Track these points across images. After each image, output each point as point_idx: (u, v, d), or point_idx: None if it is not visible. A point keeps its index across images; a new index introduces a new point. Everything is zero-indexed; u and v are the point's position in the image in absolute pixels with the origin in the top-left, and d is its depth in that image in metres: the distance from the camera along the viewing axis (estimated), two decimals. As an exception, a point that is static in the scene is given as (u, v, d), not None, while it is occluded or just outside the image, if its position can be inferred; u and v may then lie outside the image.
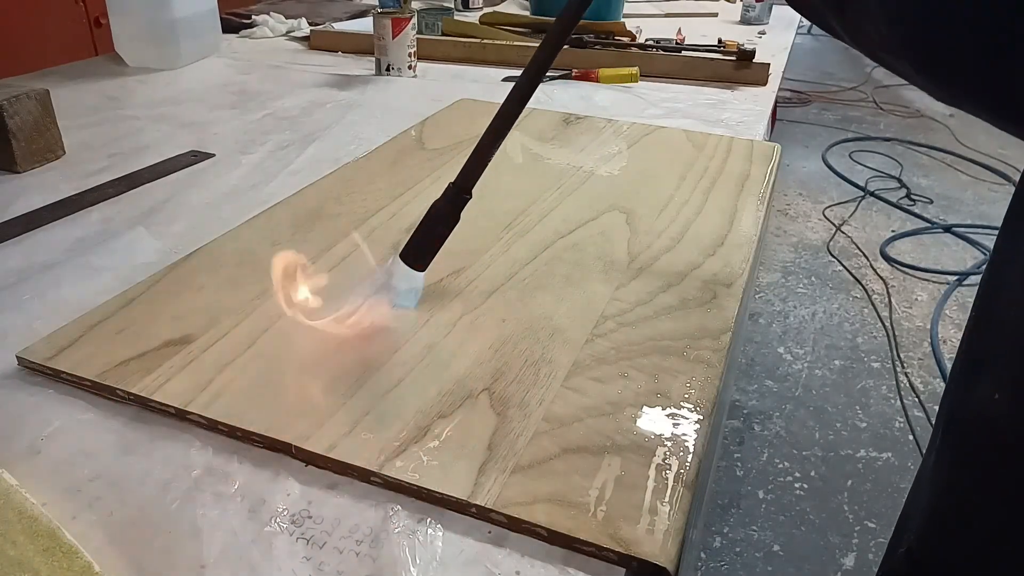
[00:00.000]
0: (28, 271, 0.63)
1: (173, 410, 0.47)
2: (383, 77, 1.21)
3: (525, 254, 0.65)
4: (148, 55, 1.21)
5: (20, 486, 0.41)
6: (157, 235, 0.70)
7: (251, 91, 1.13)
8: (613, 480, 0.42)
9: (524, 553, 0.39)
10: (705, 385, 0.50)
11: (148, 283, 0.59)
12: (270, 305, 0.56)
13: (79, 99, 1.06)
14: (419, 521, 0.40)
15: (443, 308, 0.57)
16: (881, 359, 1.97)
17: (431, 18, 1.43)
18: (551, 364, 0.51)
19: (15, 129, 0.79)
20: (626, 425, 0.46)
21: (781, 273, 2.38)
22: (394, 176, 0.80)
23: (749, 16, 1.68)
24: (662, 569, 0.37)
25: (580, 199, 0.76)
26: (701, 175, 0.82)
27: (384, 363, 0.50)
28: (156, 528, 0.39)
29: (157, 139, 0.92)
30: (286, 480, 0.43)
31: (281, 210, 0.72)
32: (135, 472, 0.43)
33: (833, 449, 1.66)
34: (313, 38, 1.41)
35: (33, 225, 0.71)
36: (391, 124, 0.97)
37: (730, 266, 0.64)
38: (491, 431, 0.45)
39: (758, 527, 1.46)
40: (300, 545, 0.39)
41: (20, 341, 0.52)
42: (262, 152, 0.89)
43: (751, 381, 1.88)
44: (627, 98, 1.13)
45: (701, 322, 0.56)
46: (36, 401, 0.48)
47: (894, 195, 2.85)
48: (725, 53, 1.24)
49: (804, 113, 3.74)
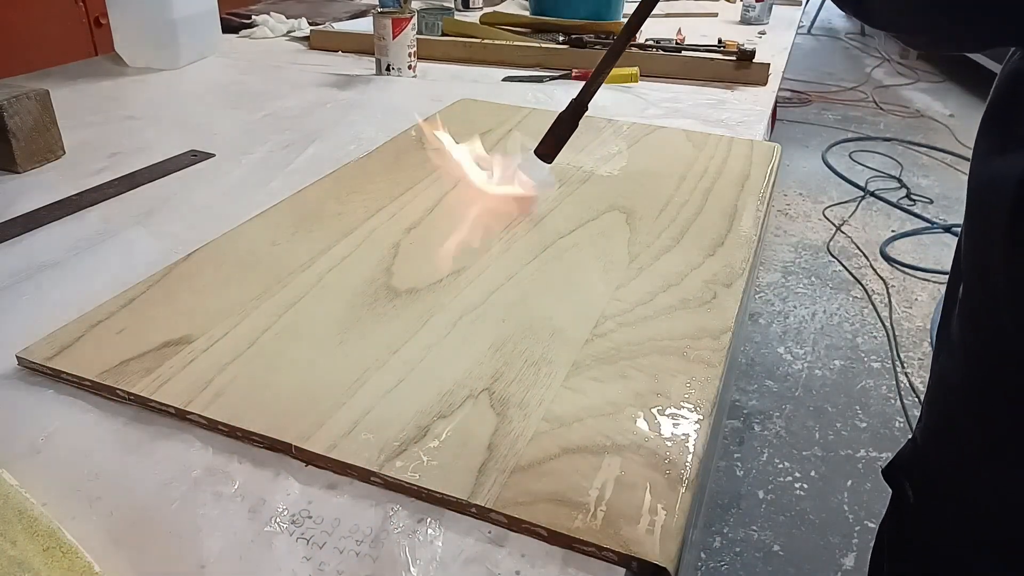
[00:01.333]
0: (28, 271, 0.63)
1: (173, 410, 0.47)
2: (383, 77, 1.21)
3: (525, 254, 0.65)
4: (148, 55, 1.21)
5: (20, 486, 0.41)
6: (157, 235, 0.70)
7: (251, 91, 1.13)
8: (613, 480, 0.42)
9: (524, 553, 0.39)
10: (705, 385, 0.50)
11: (148, 283, 0.59)
12: (270, 305, 0.57)
13: (79, 99, 1.06)
14: (419, 521, 0.40)
15: (443, 308, 0.57)
16: (881, 359, 1.97)
17: (431, 18, 1.43)
18: (551, 364, 0.51)
19: (15, 129, 0.79)
20: (626, 425, 0.46)
21: (781, 273, 2.37)
22: (394, 176, 0.80)
23: (749, 16, 1.68)
24: (662, 569, 0.37)
25: (580, 199, 0.76)
26: (701, 175, 0.82)
27: (384, 363, 0.50)
28: (156, 528, 0.39)
29: (157, 139, 0.92)
30: (286, 480, 0.43)
31: (281, 210, 0.72)
32: (135, 472, 0.43)
33: (833, 449, 1.66)
34: (313, 38, 1.41)
35: (33, 225, 0.71)
36: (391, 124, 0.97)
37: (730, 266, 0.64)
38: (491, 431, 0.45)
39: (758, 527, 1.46)
40: (300, 545, 0.39)
41: (20, 341, 0.52)
42: (262, 152, 0.89)
43: (751, 381, 1.88)
44: (627, 98, 1.13)
45: (701, 322, 0.56)
46: (36, 401, 0.48)
47: (894, 195, 2.85)
48: (725, 53, 1.24)
49: (804, 113, 3.74)
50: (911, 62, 4.52)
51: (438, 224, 0.70)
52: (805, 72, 4.30)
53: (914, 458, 0.57)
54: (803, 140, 3.39)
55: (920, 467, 0.56)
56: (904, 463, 0.58)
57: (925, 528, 0.56)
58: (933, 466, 0.54)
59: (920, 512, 0.56)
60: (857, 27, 5.31)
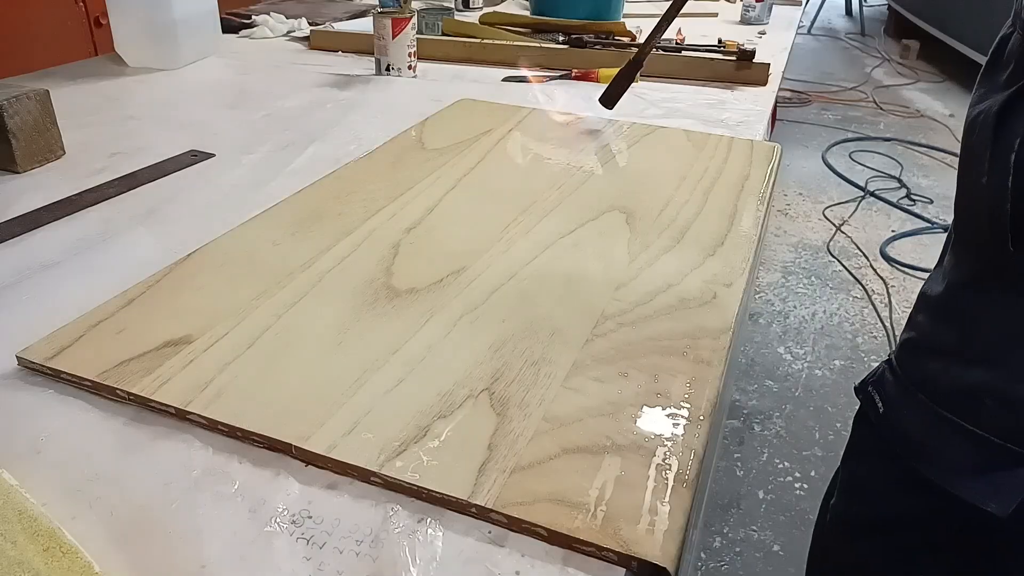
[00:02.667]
0: (28, 271, 0.63)
1: (173, 410, 0.47)
2: (383, 77, 1.21)
3: (525, 254, 0.65)
4: (148, 55, 1.21)
5: (20, 486, 0.41)
6: (157, 235, 0.70)
7: (251, 91, 1.13)
8: (613, 480, 0.42)
9: (524, 553, 0.39)
10: (705, 385, 0.50)
11: (148, 283, 0.59)
12: (270, 305, 0.57)
13: (79, 99, 1.06)
14: (419, 521, 0.40)
15: (443, 308, 0.57)
16: (881, 359, 1.97)
17: (431, 18, 1.43)
18: (551, 364, 0.51)
19: (15, 129, 0.79)
20: (626, 425, 0.46)
21: (781, 273, 2.37)
22: (394, 176, 0.80)
23: (749, 16, 1.68)
24: (662, 569, 0.37)
25: (580, 199, 0.76)
26: (701, 175, 0.82)
27: (384, 363, 0.50)
28: (156, 528, 0.39)
29: (157, 139, 0.92)
30: (286, 480, 0.43)
31: (281, 210, 0.72)
32: (135, 472, 0.43)
33: (833, 449, 1.65)
34: (313, 38, 1.41)
35: (33, 225, 0.71)
36: (391, 124, 0.97)
37: (730, 266, 0.64)
38: (491, 431, 0.45)
39: (758, 527, 1.46)
40: (300, 545, 0.39)
41: (20, 341, 0.52)
42: (262, 152, 0.89)
43: (751, 381, 1.88)
44: (627, 98, 1.12)
45: (701, 322, 0.56)
46: (36, 401, 0.48)
47: (894, 195, 2.85)
48: (725, 53, 1.24)
49: (804, 113, 3.74)
50: (911, 62, 4.52)
51: (438, 224, 0.70)
52: (805, 72, 4.30)
53: (882, 370, 0.60)
54: (803, 140, 3.39)
55: (890, 378, 0.58)
56: (875, 378, 0.61)
57: (894, 433, 0.58)
58: (905, 374, 0.57)
59: (890, 420, 0.58)
60: (857, 27, 5.31)
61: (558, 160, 0.86)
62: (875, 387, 0.60)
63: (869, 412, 0.60)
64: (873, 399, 0.59)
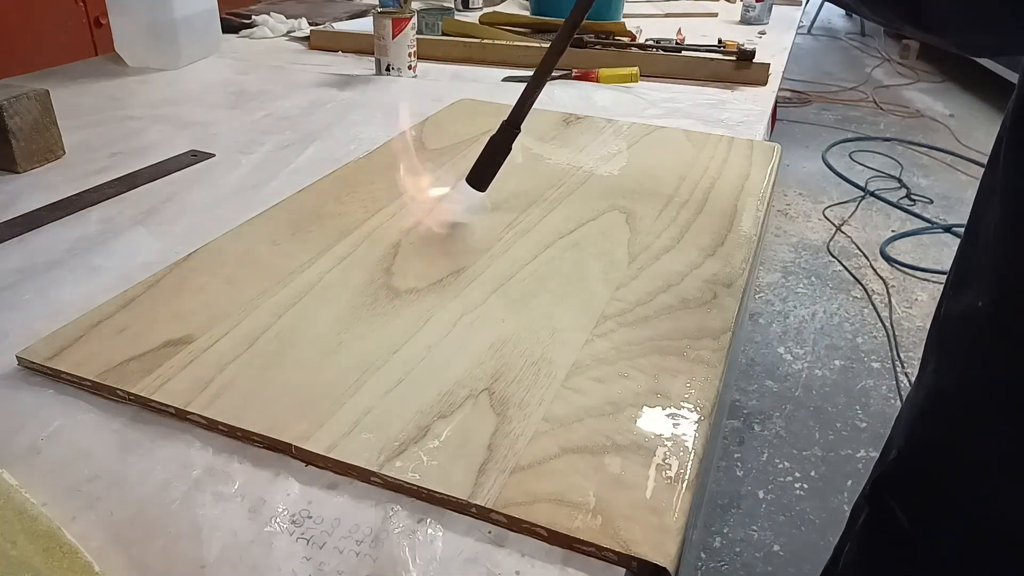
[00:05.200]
0: (28, 271, 0.63)
1: (173, 410, 0.47)
2: (383, 77, 1.21)
3: (525, 254, 0.65)
4: (148, 55, 1.21)
5: (20, 486, 0.41)
6: (157, 235, 0.70)
7: (251, 91, 1.13)
8: (613, 480, 0.42)
9: (524, 553, 0.39)
10: (705, 385, 0.50)
11: (148, 283, 0.59)
12: (270, 305, 0.57)
13: (79, 99, 1.06)
14: (419, 521, 0.40)
15: (443, 308, 0.57)
16: (881, 359, 1.97)
17: (431, 18, 1.43)
18: (551, 364, 0.51)
19: (15, 129, 0.79)
20: (626, 425, 0.46)
21: (781, 273, 2.38)
22: (394, 176, 0.80)
23: (749, 16, 1.68)
24: (662, 569, 0.37)
25: (580, 199, 0.76)
26: (701, 175, 0.82)
27: (384, 363, 0.50)
28: (156, 528, 0.39)
29: (157, 139, 0.92)
30: (286, 480, 0.43)
31: (281, 210, 0.72)
32: (135, 472, 0.43)
33: (833, 449, 1.66)
34: (313, 38, 1.41)
35: (33, 225, 0.71)
36: (391, 124, 0.97)
37: (730, 266, 0.64)
38: (491, 431, 0.45)
39: (758, 527, 1.46)
40: (300, 545, 0.39)
41: (20, 341, 0.52)
42: (262, 152, 0.89)
43: (751, 381, 1.88)
44: (627, 98, 1.13)
45: (701, 322, 0.56)
46: (36, 401, 0.48)
47: (894, 195, 2.85)
48: (725, 53, 1.24)
49: (804, 113, 3.74)
50: (911, 62, 4.52)
51: (438, 224, 0.70)
52: (805, 72, 4.31)
53: (904, 476, 0.53)
54: (803, 140, 3.39)
55: (917, 487, 0.52)
56: (890, 482, 0.54)
57: (926, 554, 0.51)
58: (935, 486, 0.50)
59: (918, 539, 0.51)
60: (857, 27, 5.31)
61: (558, 160, 0.86)
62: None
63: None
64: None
